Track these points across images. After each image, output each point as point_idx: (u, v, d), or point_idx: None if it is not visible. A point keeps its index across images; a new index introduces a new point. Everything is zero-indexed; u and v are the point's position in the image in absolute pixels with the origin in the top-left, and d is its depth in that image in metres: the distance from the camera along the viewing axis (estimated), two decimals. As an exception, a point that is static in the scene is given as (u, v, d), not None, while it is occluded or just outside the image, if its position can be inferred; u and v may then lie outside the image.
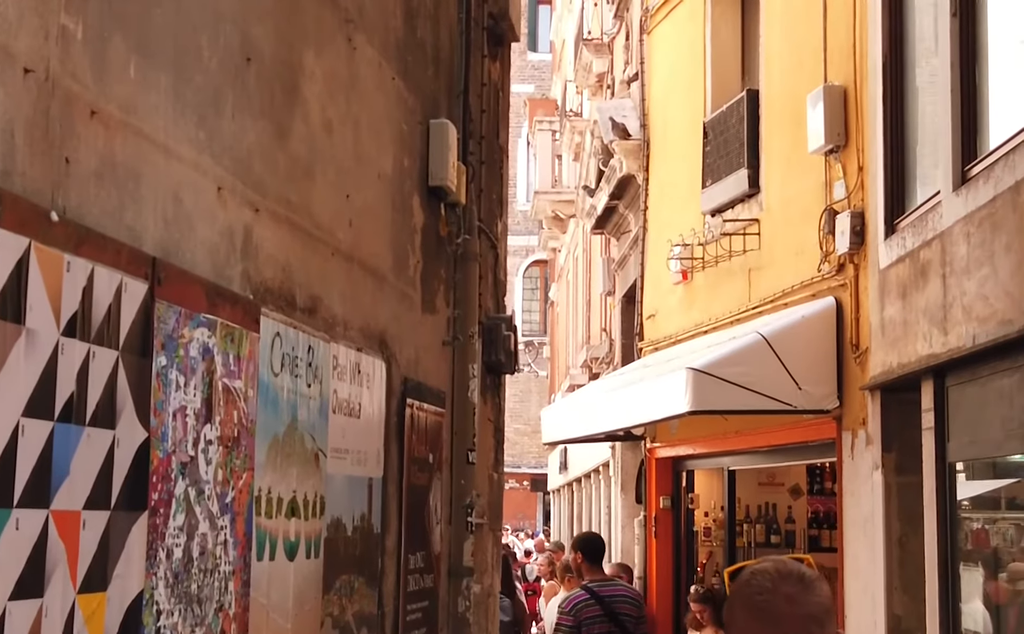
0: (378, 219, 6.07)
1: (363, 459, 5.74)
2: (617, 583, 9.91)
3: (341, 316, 5.48)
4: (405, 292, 6.51)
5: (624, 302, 16.82)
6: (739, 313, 11.54)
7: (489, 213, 8.34)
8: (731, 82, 12.42)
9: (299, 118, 5.01)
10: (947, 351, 7.56)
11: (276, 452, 4.70)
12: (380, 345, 6.03)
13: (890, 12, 8.97)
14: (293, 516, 4.88)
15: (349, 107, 5.61)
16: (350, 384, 5.55)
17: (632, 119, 14.55)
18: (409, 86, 6.58)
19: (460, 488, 7.24)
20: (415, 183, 6.68)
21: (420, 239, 6.76)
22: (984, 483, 7.95)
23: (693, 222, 12.54)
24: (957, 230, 7.43)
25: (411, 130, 6.63)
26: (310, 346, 5.05)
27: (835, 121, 9.70)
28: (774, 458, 11.92)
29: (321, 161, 5.26)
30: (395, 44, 6.34)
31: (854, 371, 9.53)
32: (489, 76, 8.28)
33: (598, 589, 9.41)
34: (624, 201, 15.88)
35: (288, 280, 4.88)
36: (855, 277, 9.53)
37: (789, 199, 10.75)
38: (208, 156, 4.16)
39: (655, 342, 13.94)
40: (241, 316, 4.34)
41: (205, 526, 4.03)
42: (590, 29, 20.50)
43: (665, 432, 13.56)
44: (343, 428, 5.47)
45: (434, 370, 7.00)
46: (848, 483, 9.65)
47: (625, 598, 9.60)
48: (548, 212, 28.39)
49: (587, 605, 9.40)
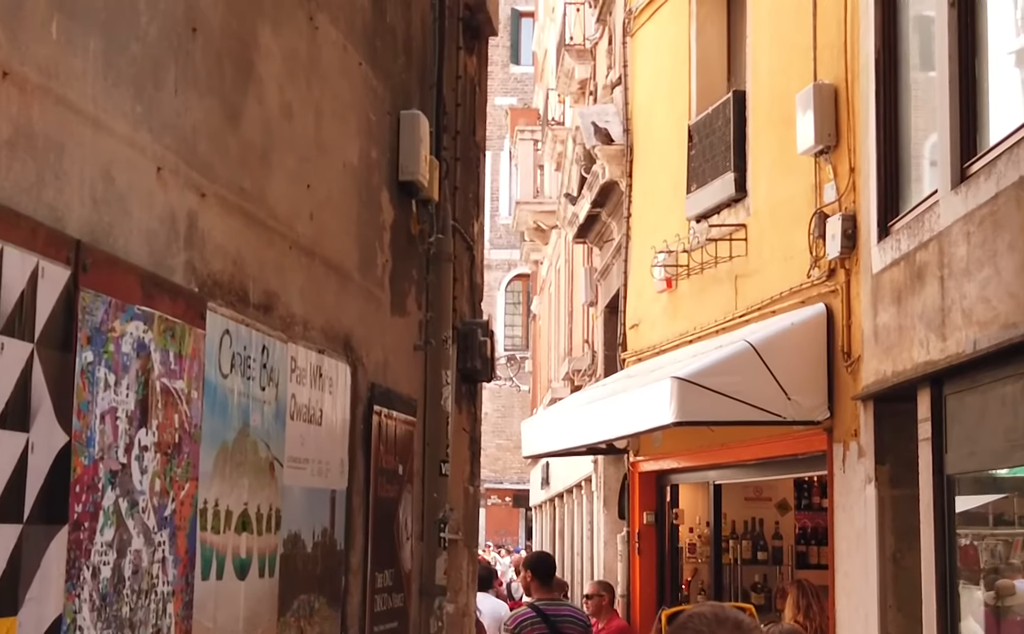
0: (343, 213, 5.67)
1: (325, 469, 5.34)
2: (564, 603, 9.99)
3: (301, 315, 5.09)
4: (373, 292, 6.11)
5: (607, 312, 16.47)
6: (725, 322, 11.18)
7: (465, 213, 7.95)
8: (717, 83, 12.07)
9: (253, 98, 4.62)
10: (945, 358, 7.21)
11: (225, 461, 4.30)
12: (345, 348, 5.64)
13: (883, 5, 8.63)
14: (244, 531, 4.47)
15: (310, 91, 5.21)
16: (310, 388, 5.15)
17: (615, 124, 14.20)
18: (378, 74, 6.19)
19: (432, 502, 6.84)
20: (384, 177, 6.29)
21: (389, 237, 6.37)
22: (985, 497, 7.58)
23: (678, 228, 12.19)
24: (956, 230, 7.08)
25: (380, 120, 6.24)
26: (264, 346, 4.65)
27: (825, 121, 9.36)
28: (762, 472, 11.55)
29: (278, 147, 4.86)
30: (362, 27, 5.95)
31: (846, 380, 9.18)
32: (465, 69, 7.90)
33: (545, 607, 9.44)
34: (607, 208, 15.53)
35: (240, 273, 4.48)
36: (846, 282, 9.19)
37: (777, 203, 10.40)
38: (146, 132, 3.76)
39: (638, 353, 13.58)
40: (183, 310, 3.94)
41: (139, 542, 3.62)
42: (572, 35, 20.16)
43: (648, 445, 13.19)
44: (302, 436, 5.07)
45: (404, 376, 6.60)
46: (839, 497, 9.30)
47: (571, 618, 9.65)
48: (530, 223, 28.01)
49: (533, 623, 9.44)
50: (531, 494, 33.84)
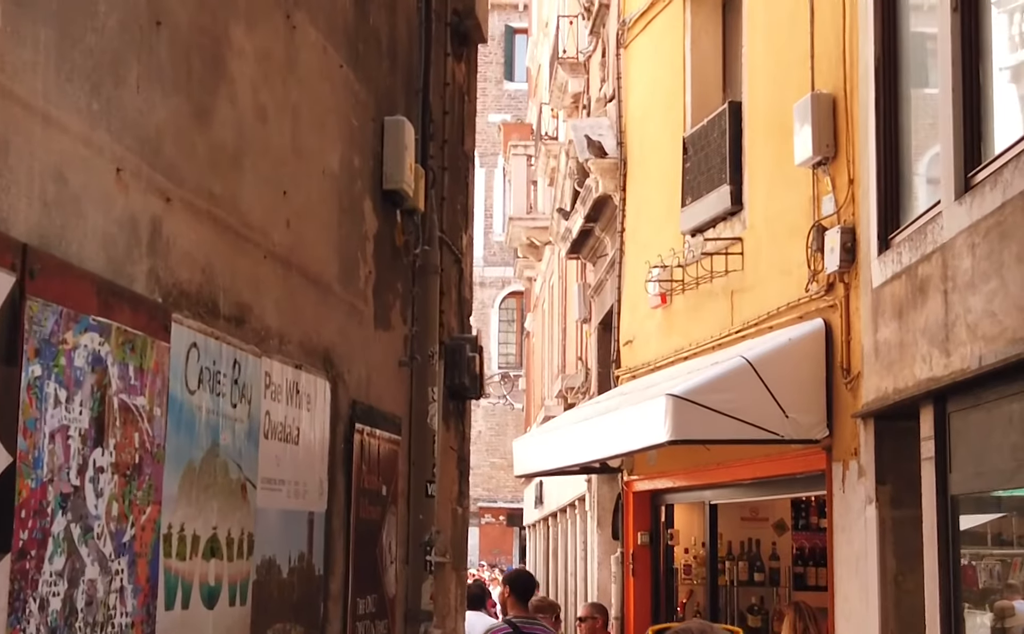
0: (322, 221, 5.42)
1: (302, 491, 5.08)
2: (538, 623, 9.76)
3: (276, 328, 4.83)
4: (355, 305, 5.86)
5: (600, 329, 16.23)
6: (721, 337, 10.94)
7: (453, 224, 7.71)
8: (712, 95, 11.85)
9: (224, 99, 4.37)
10: (949, 374, 6.97)
11: (191, 482, 4.04)
12: (324, 363, 5.38)
13: (883, 13, 8.42)
14: (213, 557, 4.21)
15: (287, 93, 4.97)
16: (287, 405, 4.89)
17: (608, 137, 13.96)
18: (360, 77, 5.95)
19: (418, 524, 6.58)
20: (367, 185, 6.04)
21: (373, 247, 6.12)
22: (990, 518, 7.33)
23: (672, 243, 11.96)
24: (960, 242, 6.84)
25: (362, 126, 5.99)
26: (236, 360, 4.39)
27: (823, 131, 9.14)
28: (759, 491, 11.30)
29: (252, 151, 4.61)
30: (343, 29, 5.71)
31: (845, 398, 8.94)
32: (453, 76, 7.66)
33: (521, 625, 9.22)
34: (600, 223, 15.30)
35: (209, 283, 4.23)
36: (846, 297, 8.96)
37: (774, 216, 10.17)
38: (104, 131, 3.51)
39: (633, 370, 13.34)
40: (145, 321, 3.69)
41: (94, 570, 3.36)
42: (565, 47, 19.94)
43: (643, 464, 12.94)
44: (277, 455, 4.81)
45: (388, 393, 6.34)
46: (839, 518, 9.05)
47: None
48: (523, 239, 27.75)
49: None
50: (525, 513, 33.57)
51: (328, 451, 5.37)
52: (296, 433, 4.99)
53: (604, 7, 15.22)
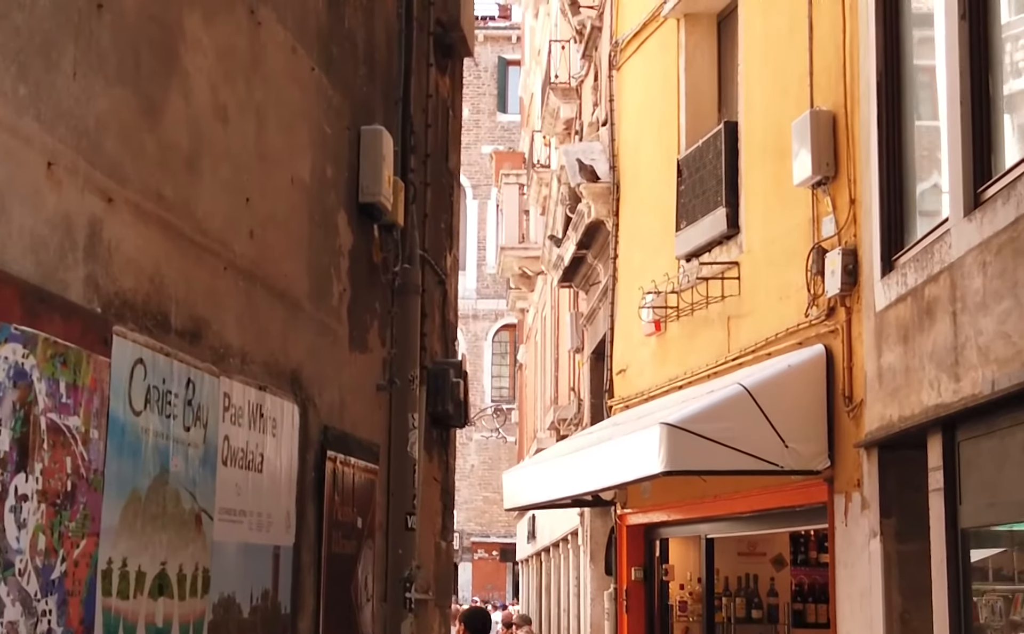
0: (291, 233, 5.06)
1: (266, 523, 4.69)
2: None
3: (237, 346, 4.46)
4: (327, 324, 5.49)
5: (593, 359, 15.86)
6: (717, 365, 10.57)
7: (436, 243, 7.34)
8: (707, 115, 11.50)
9: (178, 94, 4.01)
10: (959, 400, 6.61)
11: (136, 513, 3.66)
12: (292, 385, 5.01)
13: (884, 26, 8.08)
14: (162, 595, 3.83)
15: (251, 93, 4.61)
16: (249, 430, 4.52)
17: (601, 162, 13.62)
18: (334, 83, 5.60)
19: (397, 558, 6.20)
20: (341, 197, 5.68)
21: (348, 264, 5.76)
22: (1003, 552, 6.95)
23: (667, 268, 11.60)
24: (970, 260, 6.49)
25: (336, 134, 5.64)
26: (190, 379, 4.02)
27: (823, 150, 8.79)
28: (757, 525, 10.90)
29: (211, 153, 4.25)
30: (315, 30, 5.36)
31: (848, 427, 8.58)
32: (436, 88, 7.31)
33: None
34: (593, 250, 14.94)
35: (159, 294, 3.86)
36: (847, 321, 8.60)
37: (772, 239, 9.81)
38: (32, 119, 3.15)
39: (626, 399, 12.96)
40: (79, 333, 3.32)
41: (14, 611, 2.99)
42: (557, 73, 19.62)
43: (637, 496, 12.55)
44: (238, 484, 4.43)
45: (365, 419, 5.97)
46: (841, 552, 8.66)
47: None
48: (515, 269, 27.38)
49: None
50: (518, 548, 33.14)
51: (296, 480, 5.00)
52: (260, 460, 4.61)
53: (596, 30, 14.91)
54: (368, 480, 5.96)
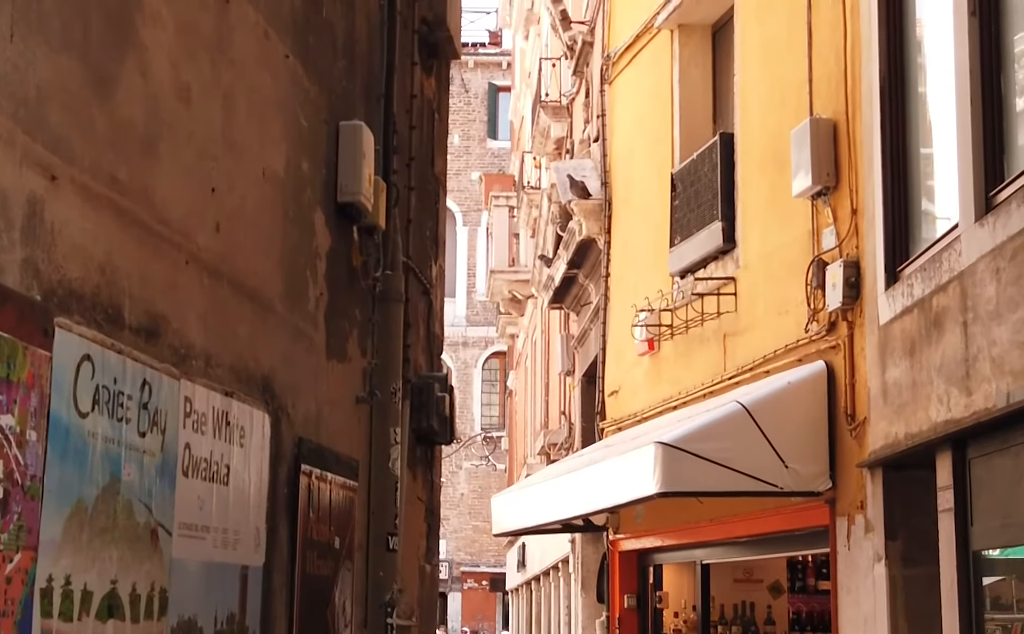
0: (262, 230, 4.72)
1: (233, 540, 4.33)
2: None
3: (201, 347, 4.11)
4: (302, 329, 5.14)
5: (584, 382, 15.52)
6: (713, 384, 10.23)
7: (421, 252, 7.00)
8: (702, 127, 11.19)
9: (133, 68, 3.67)
10: (971, 415, 6.28)
11: (81, 525, 3.31)
12: (263, 392, 4.66)
13: (888, 29, 7.78)
14: (112, 617, 3.47)
15: (217, 74, 4.27)
16: (213, 438, 4.17)
17: (592, 178, 13.30)
18: (311, 73, 5.26)
19: (378, 581, 5.84)
20: (318, 195, 5.34)
21: (325, 267, 5.41)
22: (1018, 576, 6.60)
23: (660, 285, 11.28)
24: (982, 268, 6.17)
25: (313, 128, 5.30)
26: (146, 380, 3.67)
27: (824, 159, 8.48)
28: (756, 550, 10.54)
29: (171, 135, 3.91)
30: (290, 15, 5.03)
31: (850, 446, 8.24)
32: (421, 89, 6.98)
33: None
34: (584, 269, 14.61)
35: (110, 286, 3.51)
36: (849, 336, 8.28)
37: (770, 252, 9.49)
38: (-41, 80, 2.81)
39: (618, 421, 12.61)
40: (14, 322, 2.97)
41: (-69, 633, 2.62)
42: (548, 91, 19.32)
43: (629, 521, 12.19)
44: (201, 497, 4.07)
45: (343, 432, 5.61)
46: (844, 578, 8.31)
47: None
48: (505, 293, 27.02)
49: None
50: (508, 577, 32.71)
51: (267, 495, 4.64)
52: (225, 472, 4.26)
53: (588, 44, 14.62)
54: (347, 497, 5.60)
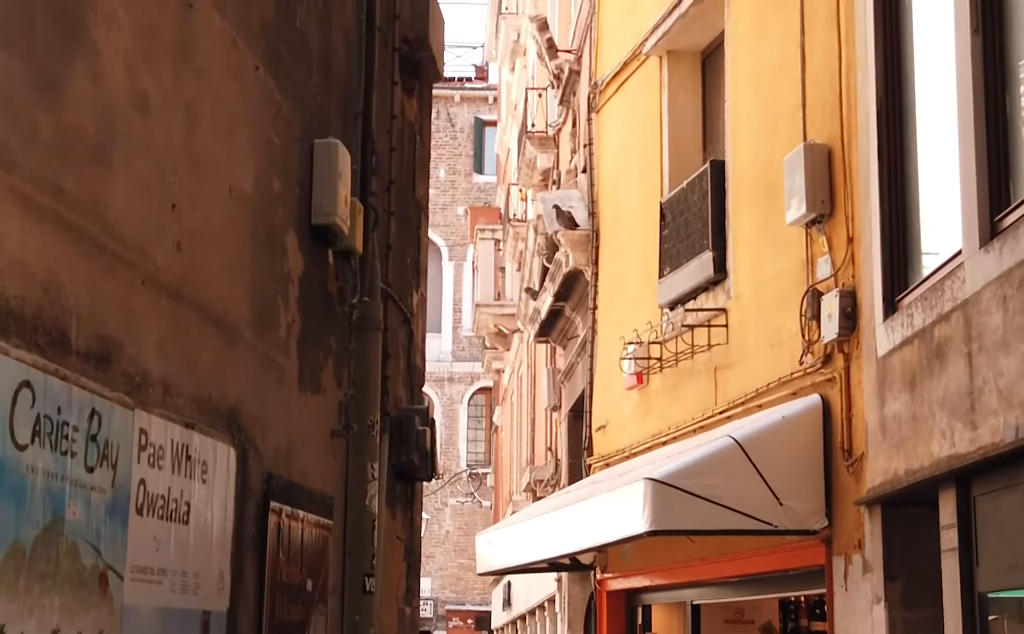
0: (228, 251, 4.42)
1: (193, 584, 4.02)
2: None
3: (159, 375, 3.81)
4: (272, 358, 4.84)
5: (571, 417, 15.22)
6: (704, 419, 9.95)
7: (401, 279, 6.71)
8: (691, 155, 10.94)
9: (83, 72, 3.38)
10: (976, 449, 6.01)
11: (18, 569, 3.00)
12: (229, 424, 4.35)
13: (885, 51, 7.55)
14: (53, 670, 3.15)
15: (179, 84, 3.98)
16: (172, 474, 3.86)
17: (579, 208, 13.04)
18: (283, 87, 4.98)
19: (354, 625, 5.53)
20: (291, 216, 5.05)
21: (298, 292, 5.12)
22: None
23: (649, 317, 11.00)
24: (988, 295, 5.91)
25: (286, 146, 5.01)
26: (96, 410, 3.37)
27: (818, 186, 8.24)
28: (748, 590, 10.24)
29: (126, 146, 3.62)
30: (260, 25, 4.75)
31: (847, 482, 7.97)
32: (402, 111, 6.71)
33: None
34: (571, 302, 14.34)
35: (54, 306, 3.21)
36: (846, 369, 8.01)
37: (763, 283, 9.22)
38: None
39: (606, 457, 12.31)
40: (-61, 342, 2.67)
41: None
42: (534, 121, 19.08)
43: (618, 560, 11.88)
44: (157, 537, 3.76)
45: (317, 467, 5.30)
46: (841, 620, 8.02)
47: None
48: (490, 327, 26.73)
49: None
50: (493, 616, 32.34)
51: (232, 535, 4.33)
52: (185, 510, 3.95)
53: (575, 73, 14.39)
54: (320, 536, 5.29)
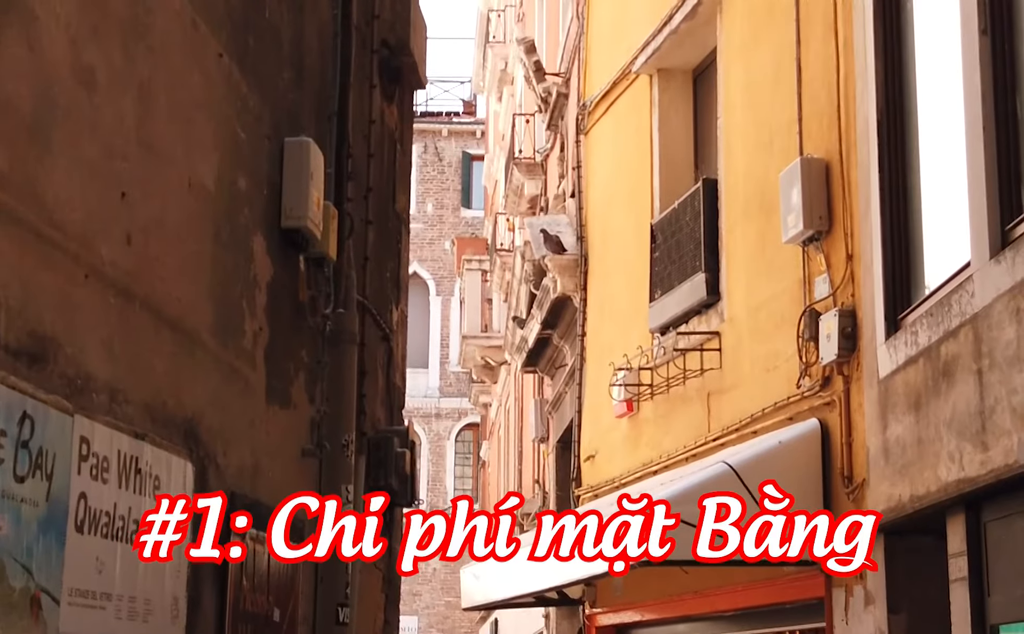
0: (186, 249, 4.08)
1: (142, 610, 3.66)
2: None
3: (105, 379, 3.46)
4: (236, 368, 4.49)
5: (559, 448, 14.89)
6: (697, 446, 9.60)
7: (380, 293, 6.38)
8: (683, 175, 10.64)
9: (17, 39, 3.04)
10: (988, 472, 5.69)
11: (-71, 589, 2.64)
12: (185, 437, 4.00)
13: (885, 59, 7.26)
14: (-28, 706, 2.79)
15: (131, 62, 3.65)
16: (118, 488, 3.50)
17: (567, 233, 12.73)
18: (250, 79, 4.65)
19: (326, 659, 5.15)
20: (258, 218, 4.71)
21: (266, 299, 4.77)
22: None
23: (640, 343, 10.67)
24: (999, 309, 5.59)
25: (254, 143, 4.68)
26: (27, 414, 3.01)
27: (816, 202, 7.92)
28: (744, 624, 9.86)
29: (68, 124, 3.28)
30: (224, 8, 4.43)
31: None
32: (382, 117, 6.39)
33: None
34: (559, 330, 14.01)
35: (-22, 295, 2.86)
36: (845, 391, 7.67)
37: (758, 304, 8.89)
38: None
39: (595, 488, 11.96)
40: None
41: None
42: (521, 147, 18.81)
43: (608, 593, 11.52)
44: (100, 558, 3.40)
45: (285, 488, 4.95)
46: (842, 655, 7.64)
47: None
48: (478, 359, 26.40)
49: None
50: (480, 655, 31.87)
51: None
52: (133, 528, 3.59)
53: (563, 96, 14.11)
54: (289, 563, 4.93)
